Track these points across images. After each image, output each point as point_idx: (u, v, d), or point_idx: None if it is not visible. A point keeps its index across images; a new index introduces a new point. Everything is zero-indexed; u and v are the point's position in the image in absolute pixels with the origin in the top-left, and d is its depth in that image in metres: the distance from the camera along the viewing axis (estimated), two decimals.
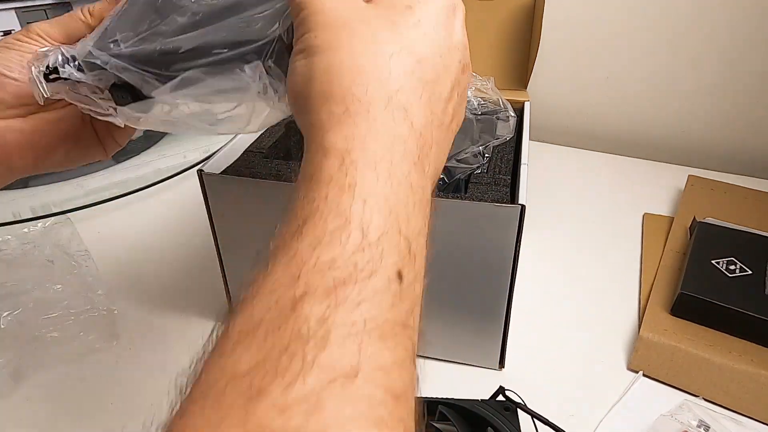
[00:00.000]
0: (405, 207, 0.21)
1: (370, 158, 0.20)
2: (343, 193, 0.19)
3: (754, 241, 0.54)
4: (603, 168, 0.80)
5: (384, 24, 0.24)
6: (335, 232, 0.19)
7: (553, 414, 0.40)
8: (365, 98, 0.22)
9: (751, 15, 0.72)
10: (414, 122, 0.22)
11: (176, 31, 0.29)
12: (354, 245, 0.19)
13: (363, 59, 0.22)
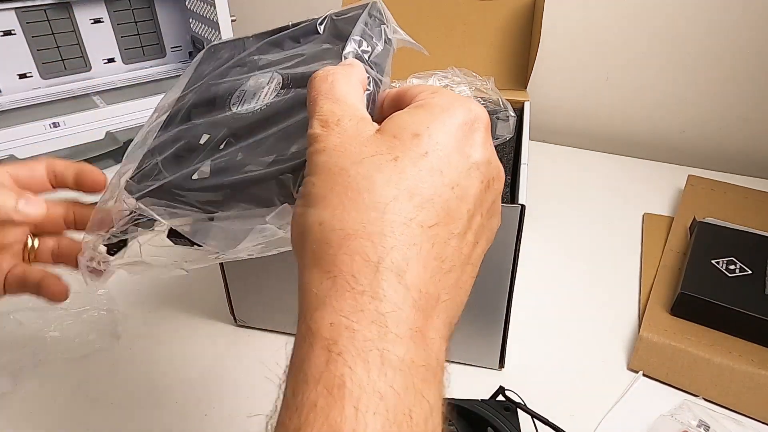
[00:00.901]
0: (405, 398, 0.18)
1: (358, 348, 0.18)
2: (333, 400, 0.18)
3: (754, 241, 0.54)
4: (603, 168, 0.80)
5: (383, 163, 0.21)
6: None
7: (553, 414, 0.40)
8: (352, 269, 0.19)
9: (752, 15, 0.72)
10: (411, 283, 0.20)
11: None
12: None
13: (353, 218, 0.20)
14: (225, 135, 0.29)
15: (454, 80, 0.54)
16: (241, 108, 0.30)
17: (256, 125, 0.28)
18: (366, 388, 0.18)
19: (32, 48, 0.83)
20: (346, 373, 0.18)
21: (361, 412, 0.17)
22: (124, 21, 0.90)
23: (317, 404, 0.18)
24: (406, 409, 0.18)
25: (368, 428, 0.17)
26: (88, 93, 0.86)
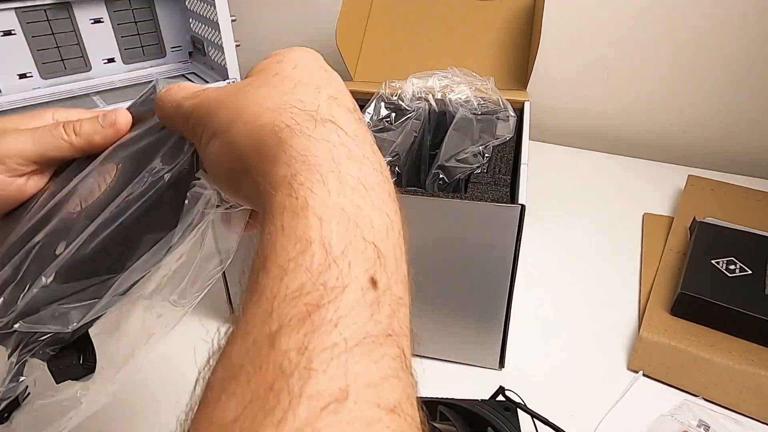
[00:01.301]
0: (364, 210, 0.20)
1: (315, 174, 0.20)
2: (298, 217, 0.19)
3: (754, 241, 0.54)
4: (603, 168, 0.80)
5: (268, 77, 0.24)
6: (298, 257, 0.18)
7: (553, 414, 0.40)
8: (293, 123, 0.22)
9: (752, 16, 0.72)
10: (344, 127, 0.22)
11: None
12: (319, 265, 0.18)
13: (273, 99, 0.23)
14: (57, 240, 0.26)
15: (454, 80, 0.54)
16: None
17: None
18: (328, 203, 0.19)
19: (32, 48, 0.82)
20: (308, 194, 0.19)
21: (326, 222, 0.19)
22: (124, 21, 0.90)
23: (284, 225, 0.19)
24: (367, 219, 0.20)
25: (333, 237, 0.19)
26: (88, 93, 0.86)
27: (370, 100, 0.52)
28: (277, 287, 0.18)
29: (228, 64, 0.84)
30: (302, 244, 0.19)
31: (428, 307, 0.47)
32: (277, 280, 0.18)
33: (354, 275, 0.19)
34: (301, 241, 0.19)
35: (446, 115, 0.53)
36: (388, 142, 0.51)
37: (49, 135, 0.28)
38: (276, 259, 0.19)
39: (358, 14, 0.77)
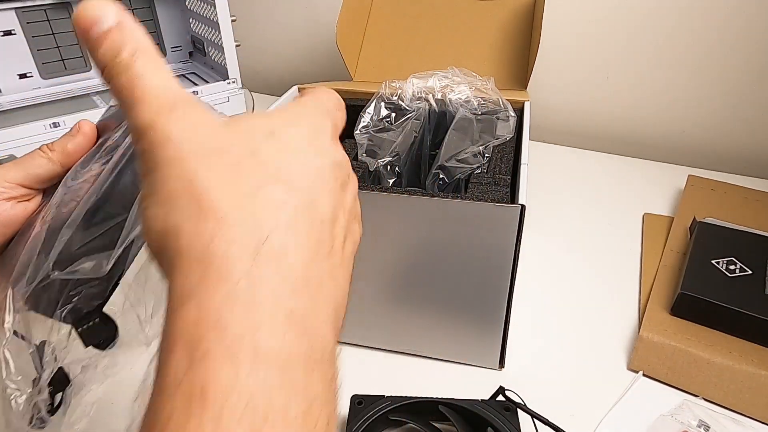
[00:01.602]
0: (280, 394, 0.17)
1: (228, 345, 0.16)
2: (190, 409, 0.15)
3: (754, 241, 0.54)
4: (603, 168, 0.80)
5: (245, 152, 0.20)
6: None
7: (553, 414, 0.40)
8: (227, 256, 0.18)
9: (752, 16, 0.72)
10: (291, 265, 0.18)
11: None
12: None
13: (224, 201, 0.18)
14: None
15: (454, 80, 0.54)
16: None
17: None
18: (233, 390, 0.16)
19: (32, 48, 0.83)
20: (210, 377, 0.16)
21: (225, 422, 0.15)
22: None
23: (172, 417, 0.16)
24: (281, 406, 0.16)
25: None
26: (88, 93, 0.86)
27: (370, 100, 0.52)
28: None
29: (228, 64, 0.84)
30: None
31: (428, 307, 0.47)
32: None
33: None
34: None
35: (446, 115, 0.53)
36: (388, 142, 0.51)
37: (28, 157, 0.29)
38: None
39: (358, 14, 0.77)
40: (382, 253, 0.45)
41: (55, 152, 0.29)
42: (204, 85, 0.84)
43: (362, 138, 0.50)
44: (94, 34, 0.21)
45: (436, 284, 0.45)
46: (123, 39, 0.21)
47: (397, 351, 0.50)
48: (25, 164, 0.29)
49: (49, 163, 0.29)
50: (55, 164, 0.29)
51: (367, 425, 0.40)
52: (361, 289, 0.48)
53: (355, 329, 0.50)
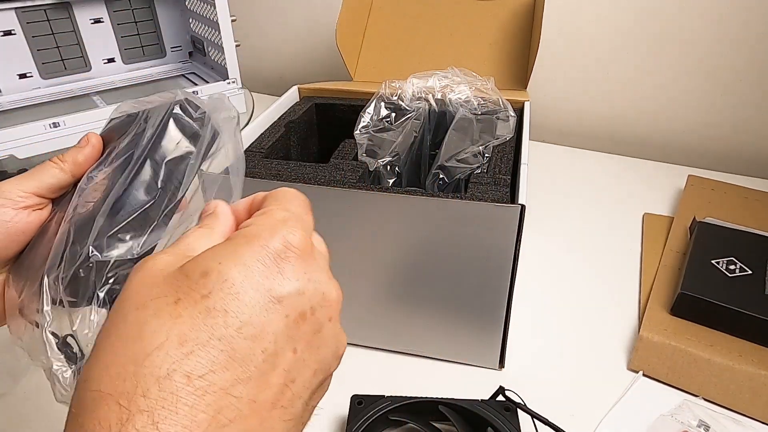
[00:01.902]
0: None
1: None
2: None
3: (754, 241, 0.54)
4: (603, 168, 0.80)
5: (162, 307, 0.19)
6: None
7: (553, 414, 0.40)
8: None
9: (752, 16, 0.72)
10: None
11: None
12: None
13: (111, 374, 0.18)
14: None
15: (454, 80, 0.54)
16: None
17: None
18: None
19: (32, 48, 0.83)
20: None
21: None
22: (124, 21, 0.90)
23: None
24: None
25: None
26: (88, 93, 0.86)
27: (370, 100, 0.52)
28: None
29: (228, 64, 0.84)
30: None
31: (428, 307, 0.47)
32: None
33: None
34: None
35: (446, 115, 0.53)
36: (388, 142, 0.51)
37: (41, 168, 0.31)
38: None
39: (358, 14, 0.77)
40: (382, 253, 0.45)
41: (67, 163, 0.31)
42: (204, 85, 0.84)
43: (362, 138, 0.50)
44: None
45: (436, 284, 0.45)
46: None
47: (397, 351, 0.50)
48: (39, 175, 0.31)
49: (62, 173, 0.31)
50: (67, 174, 0.31)
51: (367, 425, 0.40)
52: (361, 289, 0.48)
53: (355, 329, 0.50)
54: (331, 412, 0.44)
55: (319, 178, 0.44)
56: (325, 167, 0.46)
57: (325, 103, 0.61)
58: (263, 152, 0.49)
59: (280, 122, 0.55)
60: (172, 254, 0.22)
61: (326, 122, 0.62)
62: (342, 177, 0.45)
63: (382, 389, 0.43)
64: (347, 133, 0.51)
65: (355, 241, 0.45)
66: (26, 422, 0.45)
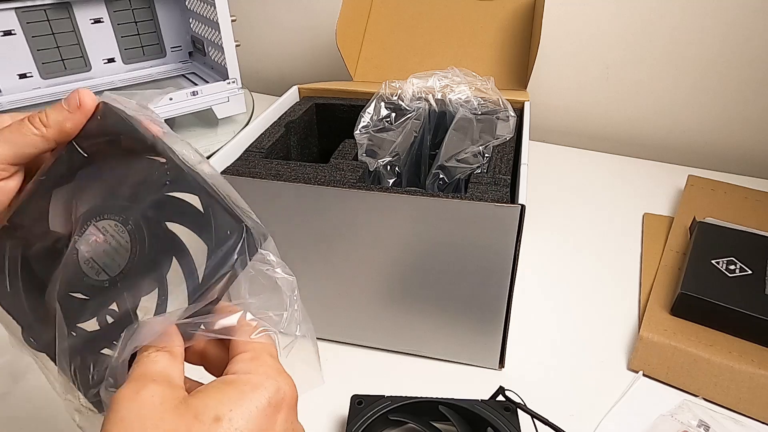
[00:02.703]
0: None
1: None
2: None
3: (754, 241, 0.54)
4: (603, 168, 0.80)
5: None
6: None
7: (553, 414, 0.40)
8: None
9: (752, 16, 0.72)
10: None
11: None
12: None
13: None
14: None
15: (454, 80, 0.54)
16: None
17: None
18: None
19: (32, 48, 0.83)
20: None
21: None
22: (124, 21, 0.90)
23: None
24: None
25: None
26: None
27: (370, 100, 0.52)
28: None
29: (228, 64, 0.84)
30: None
31: (428, 307, 0.47)
32: None
33: None
34: None
35: (446, 115, 0.53)
36: (388, 142, 0.51)
37: (18, 133, 0.27)
38: None
39: (358, 14, 0.77)
40: (382, 253, 0.45)
41: (51, 129, 0.27)
42: (204, 85, 0.84)
43: (362, 138, 0.50)
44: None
45: (436, 284, 0.45)
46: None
47: (397, 351, 0.50)
48: (15, 141, 0.27)
49: (44, 142, 0.27)
50: (50, 142, 0.27)
51: (367, 425, 0.40)
52: (361, 289, 0.48)
53: (355, 329, 0.50)
54: (331, 412, 0.44)
55: (319, 178, 0.44)
56: (325, 167, 0.46)
57: (325, 103, 0.61)
58: (263, 152, 0.49)
59: (280, 122, 0.55)
60: (159, 384, 0.23)
61: (326, 122, 0.62)
62: (342, 177, 0.45)
63: (382, 389, 0.43)
64: (347, 133, 0.51)
65: (355, 241, 0.45)
66: (26, 422, 0.45)
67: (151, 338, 0.25)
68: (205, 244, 0.26)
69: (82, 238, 0.28)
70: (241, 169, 0.46)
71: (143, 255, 0.27)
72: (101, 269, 0.27)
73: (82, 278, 0.27)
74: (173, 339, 0.25)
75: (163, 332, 0.25)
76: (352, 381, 0.48)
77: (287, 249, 0.47)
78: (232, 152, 0.49)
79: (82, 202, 0.28)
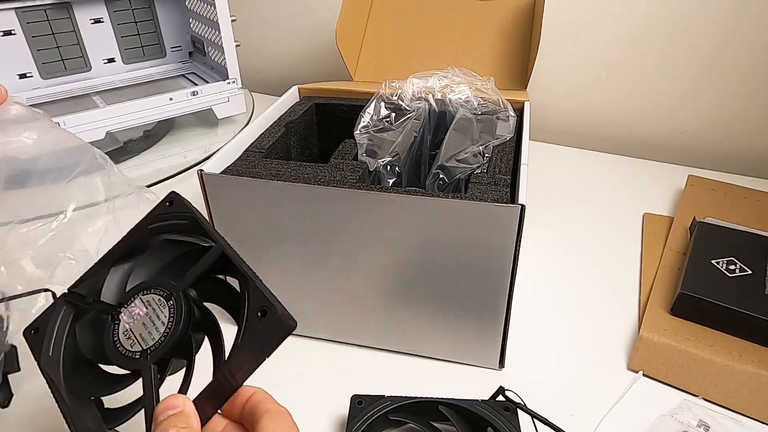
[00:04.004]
0: None
1: None
2: None
3: (754, 241, 0.54)
4: (603, 168, 0.80)
5: None
6: None
7: (553, 414, 0.40)
8: None
9: (752, 15, 0.72)
10: None
11: None
12: None
13: None
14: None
15: (454, 80, 0.54)
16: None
17: None
18: None
19: (32, 48, 0.83)
20: None
21: None
22: (124, 21, 0.90)
23: None
24: None
25: None
26: (88, 93, 0.86)
27: (370, 100, 0.52)
28: None
29: (228, 64, 0.84)
30: None
31: (428, 307, 0.47)
32: None
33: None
34: None
35: (446, 115, 0.53)
36: (388, 142, 0.51)
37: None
38: None
39: (358, 14, 0.77)
40: (382, 253, 0.45)
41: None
42: (204, 85, 0.84)
43: (362, 138, 0.50)
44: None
45: (436, 284, 0.45)
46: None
47: (397, 351, 0.50)
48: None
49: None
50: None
51: (367, 425, 0.40)
52: (361, 289, 0.48)
53: (355, 329, 0.50)
54: (331, 412, 0.45)
55: (319, 178, 0.44)
56: (325, 167, 0.46)
57: (325, 103, 0.61)
58: (263, 152, 0.49)
59: (280, 122, 0.55)
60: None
61: (326, 122, 0.62)
62: (342, 177, 0.45)
63: (382, 389, 0.43)
64: (347, 133, 0.51)
65: (355, 241, 0.45)
66: (26, 422, 0.45)
67: (171, 413, 0.26)
68: (238, 327, 0.27)
69: (127, 309, 0.30)
70: (241, 169, 0.46)
71: (177, 331, 0.28)
72: (136, 340, 0.29)
73: (116, 347, 0.29)
74: (191, 419, 0.26)
75: (183, 410, 0.26)
76: (352, 381, 0.48)
77: (287, 249, 0.47)
78: (232, 152, 0.49)
79: (136, 276, 0.31)
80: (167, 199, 0.33)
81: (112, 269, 0.32)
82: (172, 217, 0.32)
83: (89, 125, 0.74)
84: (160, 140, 0.86)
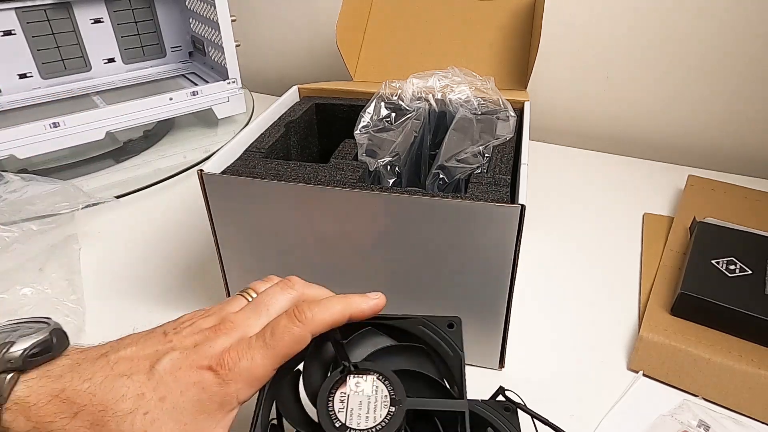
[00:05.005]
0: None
1: None
2: None
3: (754, 241, 0.54)
4: (603, 168, 0.80)
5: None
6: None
7: (553, 414, 0.40)
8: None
9: (751, 15, 0.72)
10: None
11: None
12: None
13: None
14: None
15: (454, 80, 0.54)
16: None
17: None
18: None
19: (32, 48, 0.83)
20: None
21: None
22: (124, 21, 0.90)
23: None
24: None
25: None
26: (88, 93, 0.86)
27: (370, 100, 0.52)
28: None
29: (228, 64, 0.84)
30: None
31: (428, 308, 0.47)
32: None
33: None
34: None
35: (446, 115, 0.53)
36: (388, 142, 0.51)
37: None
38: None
39: (358, 14, 0.77)
40: (383, 253, 0.45)
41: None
42: (204, 85, 0.84)
43: (362, 138, 0.50)
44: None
45: (436, 284, 0.45)
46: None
47: None
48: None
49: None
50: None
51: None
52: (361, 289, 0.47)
53: None
54: None
55: (319, 178, 0.44)
56: (325, 167, 0.46)
57: (325, 103, 0.61)
58: (263, 152, 0.49)
59: (280, 122, 0.55)
60: None
61: (326, 122, 0.62)
62: (342, 177, 0.45)
63: None
64: (347, 133, 0.51)
65: (355, 241, 0.45)
66: None
67: None
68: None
69: (358, 377, 0.30)
70: (241, 169, 0.46)
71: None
72: (345, 410, 0.28)
73: (328, 402, 0.29)
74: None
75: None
76: None
77: (287, 249, 0.47)
78: (232, 152, 0.49)
79: (378, 354, 0.33)
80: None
81: (373, 330, 0.34)
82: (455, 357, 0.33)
83: (89, 125, 0.74)
84: (160, 140, 0.86)
